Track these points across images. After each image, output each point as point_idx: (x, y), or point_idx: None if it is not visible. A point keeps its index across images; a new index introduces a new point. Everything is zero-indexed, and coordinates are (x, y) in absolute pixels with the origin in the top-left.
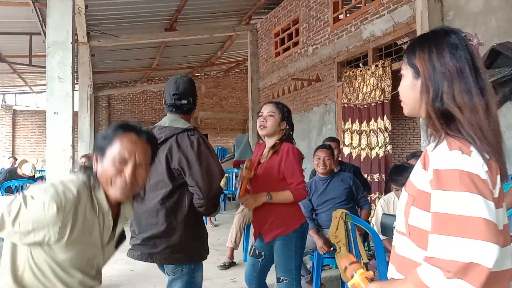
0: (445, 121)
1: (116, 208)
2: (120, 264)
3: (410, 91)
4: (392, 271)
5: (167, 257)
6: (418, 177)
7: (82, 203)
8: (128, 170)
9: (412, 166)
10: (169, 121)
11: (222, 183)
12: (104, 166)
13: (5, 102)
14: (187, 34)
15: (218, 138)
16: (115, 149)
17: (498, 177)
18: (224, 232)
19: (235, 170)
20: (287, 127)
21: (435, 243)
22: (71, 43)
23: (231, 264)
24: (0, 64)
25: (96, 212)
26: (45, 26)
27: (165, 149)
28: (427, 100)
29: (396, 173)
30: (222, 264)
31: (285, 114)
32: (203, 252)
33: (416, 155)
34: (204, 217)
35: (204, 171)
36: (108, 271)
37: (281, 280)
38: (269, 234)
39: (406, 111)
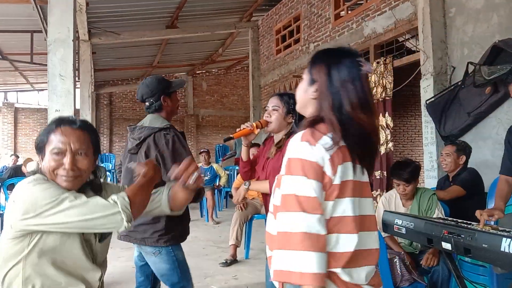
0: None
1: None
2: (121, 261)
3: (303, 94)
4: (267, 249)
5: (156, 241)
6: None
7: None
8: (66, 160)
9: (414, 162)
10: (149, 120)
11: (223, 181)
12: (46, 162)
13: (6, 100)
14: (188, 32)
15: (220, 136)
16: (51, 143)
17: (346, 163)
18: (225, 230)
19: (237, 168)
20: (293, 121)
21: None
22: (72, 40)
23: (232, 261)
24: (2, 62)
25: None
26: (46, 24)
27: (144, 147)
28: (326, 106)
29: (398, 168)
30: (224, 261)
31: (291, 107)
32: (185, 234)
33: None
34: (206, 213)
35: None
36: (109, 268)
37: None
38: None
39: (297, 107)
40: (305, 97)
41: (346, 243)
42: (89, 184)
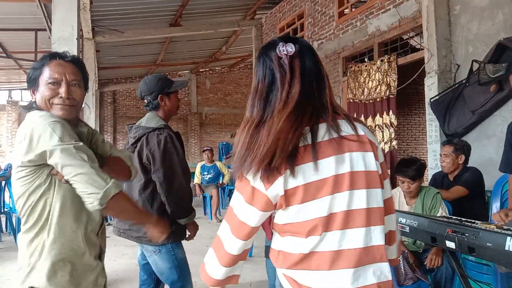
0: None
1: None
2: (125, 259)
3: None
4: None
5: (148, 240)
6: None
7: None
8: (62, 89)
9: (419, 160)
10: (146, 120)
11: (227, 179)
12: (41, 93)
13: (11, 98)
14: (191, 30)
15: (223, 134)
16: (46, 74)
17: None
18: None
19: None
20: None
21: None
22: (76, 38)
23: None
24: (6, 60)
25: None
26: (51, 22)
27: (138, 147)
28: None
29: (404, 165)
30: None
31: None
32: (181, 232)
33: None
34: (209, 211)
35: (166, 169)
36: (113, 265)
37: None
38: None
39: None
40: None
41: (297, 245)
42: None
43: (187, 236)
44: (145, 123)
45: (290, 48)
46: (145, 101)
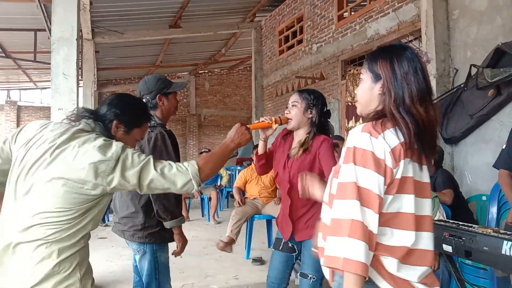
0: (391, 116)
1: None
2: (123, 260)
3: (367, 92)
4: (319, 239)
5: (131, 235)
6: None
7: None
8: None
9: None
10: None
11: (225, 181)
12: (126, 138)
13: (9, 98)
14: (191, 31)
15: (222, 136)
16: (140, 132)
17: (406, 160)
18: (226, 230)
19: (238, 168)
20: (314, 115)
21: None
22: (76, 39)
23: (226, 244)
24: (5, 60)
25: None
26: (50, 22)
27: None
28: (389, 100)
29: None
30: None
31: (311, 102)
32: (167, 235)
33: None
34: (207, 213)
35: None
36: (111, 266)
37: (308, 277)
38: (303, 233)
39: (359, 110)
40: (371, 94)
41: (401, 238)
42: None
43: (174, 250)
44: None
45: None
46: (144, 100)
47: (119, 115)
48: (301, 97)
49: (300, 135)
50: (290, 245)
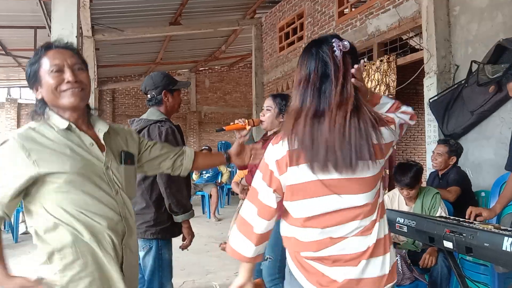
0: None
1: (90, 129)
2: None
3: None
4: None
5: (143, 232)
6: None
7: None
8: (67, 73)
9: (415, 165)
10: (147, 114)
11: (225, 178)
12: (45, 85)
13: (10, 96)
14: (191, 28)
15: (222, 133)
16: (46, 64)
17: (299, 166)
18: (227, 226)
19: None
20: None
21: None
22: (76, 36)
23: None
24: (5, 58)
25: (60, 135)
26: (50, 20)
27: None
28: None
29: (400, 173)
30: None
31: (283, 107)
32: (176, 229)
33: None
34: (208, 210)
35: None
36: None
37: (265, 258)
38: None
39: None
40: None
41: (310, 235)
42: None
43: (182, 243)
44: (146, 116)
45: (347, 44)
46: (149, 95)
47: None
48: (274, 102)
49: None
50: None
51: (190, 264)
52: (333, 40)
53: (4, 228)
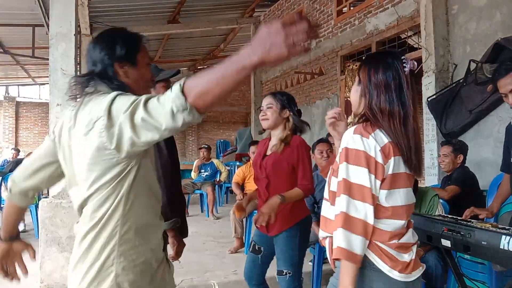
0: (374, 118)
1: None
2: None
3: (354, 93)
4: (321, 232)
5: None
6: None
7: None
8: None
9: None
10: None
11: (224, 176)
12: (140, 71)
13: (8, 94)
14: (190, 27)
15: (221, 131)
16: (144, 55)
17: (394, 158)
18: (225, 225)
19: (238, 163)
20: (291, 114)
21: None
22: (74, 35)
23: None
24: (3, 56)
25: None
26: (48, 18)
27: None
28: (365, 102)
29: None
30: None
31: (285, 103)
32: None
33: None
34: (206, 208)
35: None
36: None
37: (284, 273)
38: (275, 227)
39: (353, 109)
40: (355, 96)
41: (397, 225)
42: None
43: (169, 255)
44: None
45: (414, 66)
46: None
47: (112, 54)
48: (275, 99)
49: (277, 134)
50: (257, 247)
51: (188, 262)
52: (404, 58)
53: None
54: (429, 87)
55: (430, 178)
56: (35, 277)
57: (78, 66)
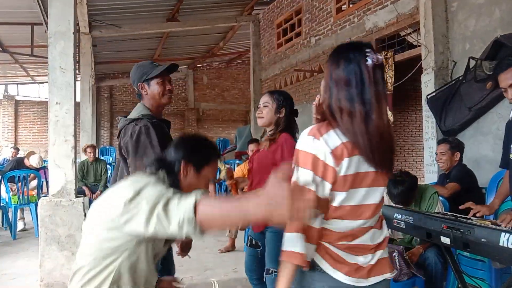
0: (332, 117)
1: None
2: None
3: (321, 90)
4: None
5: None
6: None
7: None
8: (211, 187)
9: (406, 182)
10: (133, 111)
11: (222, 175)
12: (198, 180)
13: (7, 93)
14: (189, 25)
15: (220, 129)
16: (210, 170)
17: (351, 158)
18: None
19: (237, 161)
20: (285, 114)
21: None
22: (73, 33)
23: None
24: (2, 54)
25: None
26: (47, 16)
27: (120, 139)
28: (327, 100)
29: (391, 189)
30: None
31: (281, 102)
32: None
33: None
34: None
35: (138, 162)
36: None
37: (270, 272)
38: (258, 224)
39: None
40: (322, 91)
41: (349, 226)
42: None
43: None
44: (131, 114)
45: (381, 58)
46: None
47: (185, 155)
48: (272, 98)
49: (270, 131)
50: (254, 241)
51: (188, 260)
52: (368, 50)
53: (2, 225)
54: (428, 85)
55: (429, 175)
56: (35, 276)
57: (77, 64)
